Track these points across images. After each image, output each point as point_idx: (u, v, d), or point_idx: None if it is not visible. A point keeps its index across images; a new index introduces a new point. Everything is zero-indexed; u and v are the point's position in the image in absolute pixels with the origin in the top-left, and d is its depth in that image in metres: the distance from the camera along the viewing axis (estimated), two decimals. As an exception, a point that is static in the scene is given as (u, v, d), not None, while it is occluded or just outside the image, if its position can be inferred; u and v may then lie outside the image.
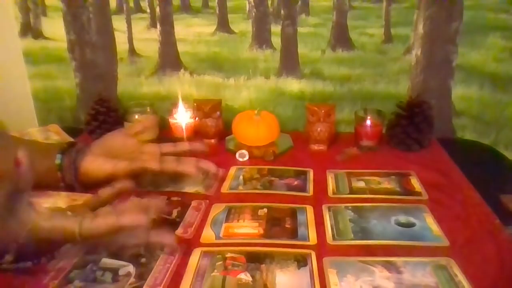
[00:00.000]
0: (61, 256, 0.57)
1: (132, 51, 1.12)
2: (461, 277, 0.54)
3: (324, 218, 0.68)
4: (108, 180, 0.69)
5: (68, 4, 1.07)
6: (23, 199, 0.49)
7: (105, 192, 0.60)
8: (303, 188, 0.78)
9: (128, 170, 0.68)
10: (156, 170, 0.68)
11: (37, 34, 1.13)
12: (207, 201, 0.73)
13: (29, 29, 1.12)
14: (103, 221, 0.50)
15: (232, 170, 0.85)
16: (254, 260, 0.57)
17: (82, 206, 0.58)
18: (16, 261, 0.49)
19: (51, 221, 0.50)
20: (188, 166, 0.69)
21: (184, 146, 0.75)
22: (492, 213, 0.69)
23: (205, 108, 0.95)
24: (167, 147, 0.74)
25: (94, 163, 0.69)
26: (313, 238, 0.62)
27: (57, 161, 0.69)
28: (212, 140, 0.98)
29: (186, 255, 0.58)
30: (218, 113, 0.97)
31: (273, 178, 0.81)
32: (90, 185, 0.71)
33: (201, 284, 0.53)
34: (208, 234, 0.64)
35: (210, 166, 0.71)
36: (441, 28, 1.00)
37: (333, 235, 0.63)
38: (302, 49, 1.07)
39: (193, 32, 1.10)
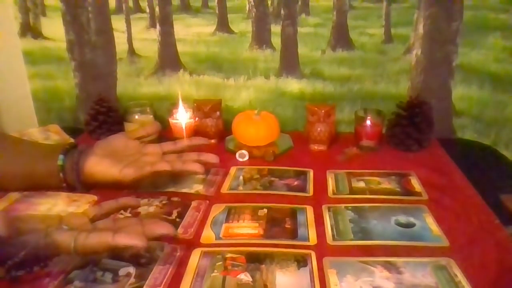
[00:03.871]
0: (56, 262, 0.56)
1: (131, 51, 1.12)
2: (461, 277, 0.54)
3: (324, 218, 0.68)
4: (112, 183, 0.69)
5: (67, 4, 1.07)
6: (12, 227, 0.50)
7: (108, 204, 0.59)
8: (303, 188, 0.78)
9: (136, 176, 0.68)
10: (166, 171, 0.68)
11: (37, 34, 1.13)
12: (207, 201, 0.73)
13: (29, 29, 1.12)
14: (98, 238, 0.49)
15: (232, 170, 0.85)
16: (254, 260, 0.57)
17: (82, 215, 0.57)
18: (8, 271, 0.49)
19: (47, 238, 0.49)
20: (193, 164, 0.69)
21: (184, 143, 0.75)
22: (492, 213, 0.69)
23: (205, 108, 0.95)
24: (168, 145, 0.74)
25: (100, 165, 0.68)
26: (313, 239, 0.62)
27: (59, 162, 0.69)
28: (212, 140, 0.97)
29: (186, 255, 0.58)
30: (218, 113, 0.97)
31: (273, 178, 0.81)
32: (93, 186, 0.71)
33: (201, 285, 0.53)
34: (208, 235, 0.64)
35: (210, 157, 0.71)
36: (441, 28, 1.00)
37: (333, 236, 0.63)
38: (302, 49, 1.07)
39: (192, 32, 1.10)
